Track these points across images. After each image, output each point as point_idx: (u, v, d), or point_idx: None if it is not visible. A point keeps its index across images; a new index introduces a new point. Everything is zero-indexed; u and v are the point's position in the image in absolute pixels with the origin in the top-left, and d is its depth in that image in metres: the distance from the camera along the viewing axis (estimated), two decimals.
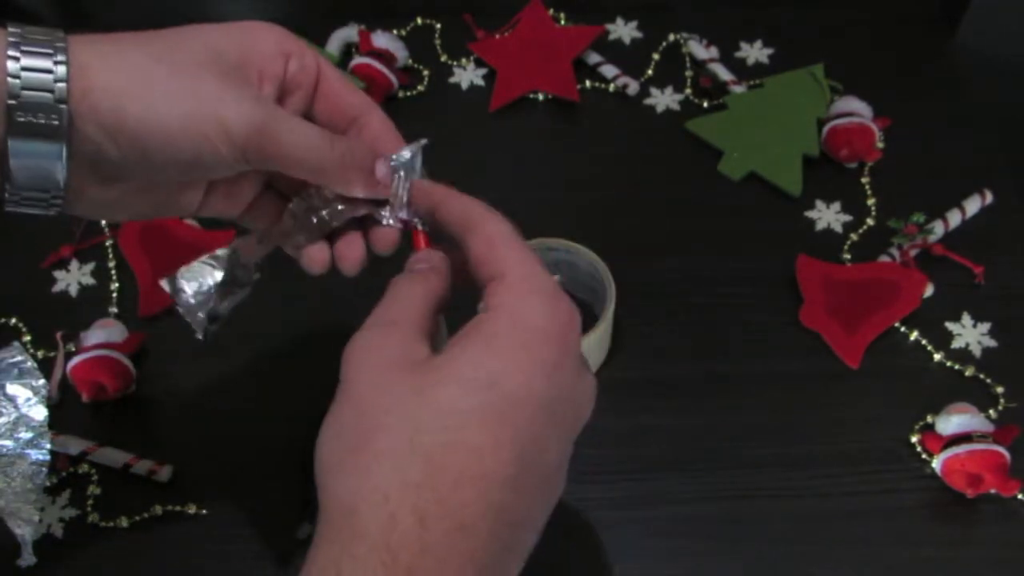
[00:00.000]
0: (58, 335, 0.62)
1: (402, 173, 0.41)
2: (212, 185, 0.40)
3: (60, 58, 0.33)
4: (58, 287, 0.65)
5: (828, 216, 0.66)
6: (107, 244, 0.67)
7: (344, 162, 0.38)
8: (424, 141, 0.42)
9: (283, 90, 0.39)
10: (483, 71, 0.75)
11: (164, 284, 0.40)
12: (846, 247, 0.65)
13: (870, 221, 0.66)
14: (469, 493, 0.30)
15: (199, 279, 0.40)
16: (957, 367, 0.60)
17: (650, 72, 0.74)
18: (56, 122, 0.33)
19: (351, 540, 0.29)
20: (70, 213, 0.37)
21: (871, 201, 0.67)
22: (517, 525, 0.31)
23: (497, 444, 0.31)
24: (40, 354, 0.62)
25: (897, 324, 0.61)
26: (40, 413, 0.55)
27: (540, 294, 0.34)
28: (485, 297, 0.34)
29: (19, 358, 0.57)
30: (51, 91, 0.32)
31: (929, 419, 0.57)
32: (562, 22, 0.77)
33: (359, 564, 0.29)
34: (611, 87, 0.74)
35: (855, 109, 0.68)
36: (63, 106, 0.33)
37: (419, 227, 0.41)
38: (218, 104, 0.34)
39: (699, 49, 0.74)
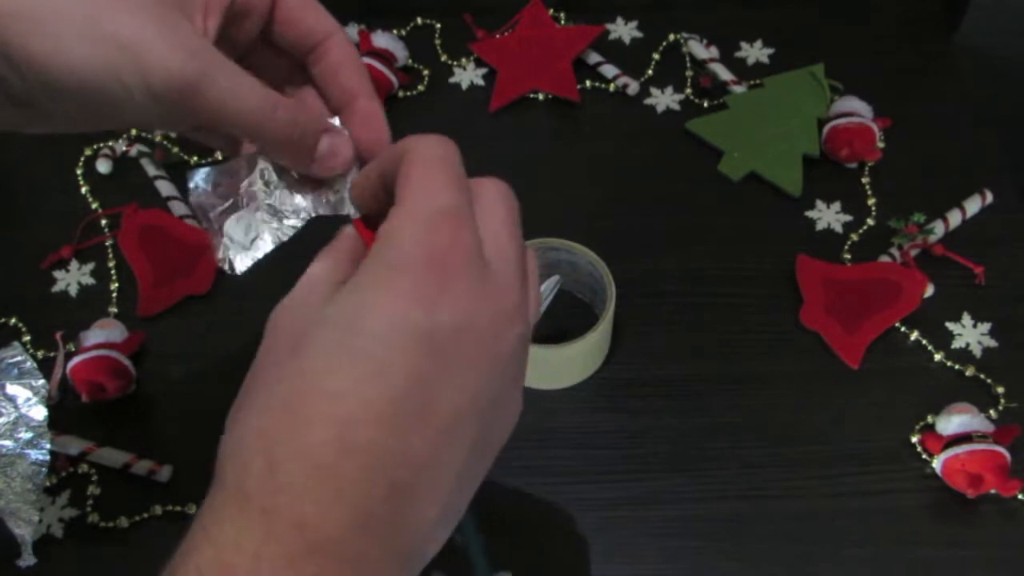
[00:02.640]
0: (58, 335, 0.62)
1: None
2: None
3: None
4: (58, 287, 0.65)
5: (828, 216, 0.66)
6: (107, 244, 0.67)
7: (284, 133, 0.34)
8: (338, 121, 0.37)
9: (231, 16, 0.35)
10: (483, 71, 0.75)
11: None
12: (846, 247, 0.65)
13: (870, 221, 0.66)
14: (324, 433, 0.28)
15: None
16: (957, 367, 0.60)
17: (650, 72, 0.74)
18: None
19: (214, 493, 0.29)
20: None
21: (871, 201, 0.67)
22: (406, 467, 0.29)
23: (360, 385, 0.29)
24: (40, 354, 0.62)
25: (897, 324, 0.61)
26: (40, 413, 0.55)
27: (415, 218, 0.30)
28: None
29: (19, 358, 0.57)
30: None
31: (929, 419, 0.57)
32: (562, 22, 0.77)
33: (217, 511, 0.29)
34: (611, 87, 0.74)
35: (855, 109, 0.68)
36: None
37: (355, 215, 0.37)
38: (142, 49, 0.30)
39: (699, 49, 0.74)
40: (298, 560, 0.28)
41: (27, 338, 0.63)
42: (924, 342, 0.61)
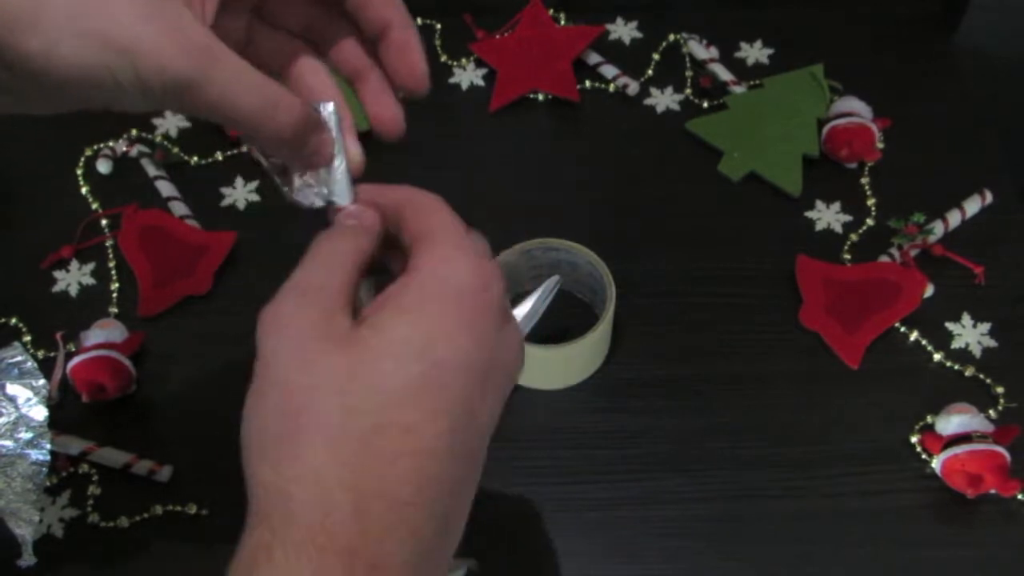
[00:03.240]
0: (58, 335, 0.62)
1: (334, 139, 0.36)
2: None
3: None
4: (58, 287, 0.65)
5: (828, 216, 0.66)
6: (107, 244, 0.67)
7: (283, 133, 0.33)
8: (331, 107, 0.36)
9: None
10: (483, 71, 0.75)
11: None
12: (846, 247, 0.65)
13: (870, 221, 0.66)
14: (406, 469, 0.29)
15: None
16: (957, 367, 0.60)
17: (650, 72, 0.74)
18: None
19: (284, 525, 0.28)
20: None
21: (871, 201, 0.67)
22: (454, 494, 0.30)
23: (432, 417, 0.29)
24: (40, 354, 0.62)
25: (897, 324, 0.61)
26: (40, 413, 0.55)
27: (462, 251, 0.32)
28: (410, 258, 0.33)
29: (19, 358, 0.57)
30: None
31: (929, 419, 0.57)
32: (562, 22, 0.77)
33: (293, 548, 0.28)
34: (611, 87, 0.74)
35: (855, 109, 0.68)
36: None
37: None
38: (137, 47, 0.28)
39: (699, 49, 0.74)
40: None
41: (27, 338, 0.63)
42: (924, 342, 0.61)
